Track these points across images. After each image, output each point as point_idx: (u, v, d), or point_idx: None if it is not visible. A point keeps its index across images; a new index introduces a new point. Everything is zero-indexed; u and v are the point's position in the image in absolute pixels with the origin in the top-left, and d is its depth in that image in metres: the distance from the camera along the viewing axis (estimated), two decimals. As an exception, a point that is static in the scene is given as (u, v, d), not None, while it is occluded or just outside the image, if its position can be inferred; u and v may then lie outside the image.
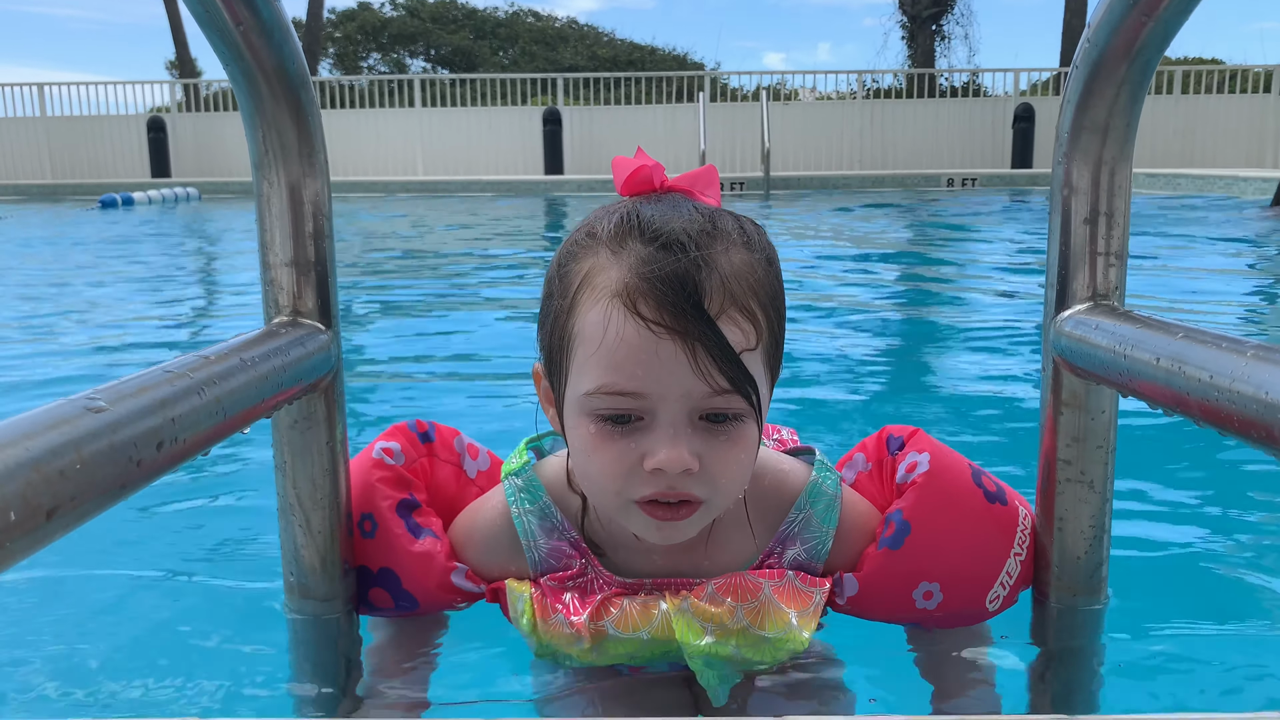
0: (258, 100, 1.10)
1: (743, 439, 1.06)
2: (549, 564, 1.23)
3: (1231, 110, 17.65)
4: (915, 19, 26.71)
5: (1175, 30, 1.03)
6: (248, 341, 1.04)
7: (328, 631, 1.27)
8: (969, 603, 1.23)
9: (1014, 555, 1.23)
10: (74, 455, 0.67)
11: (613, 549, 1.23)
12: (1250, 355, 0.83)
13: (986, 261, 6.85)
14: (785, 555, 1.22)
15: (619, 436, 1.03)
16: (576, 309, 1.05)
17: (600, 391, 1.02)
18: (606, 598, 1.19)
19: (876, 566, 1.21)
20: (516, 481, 1.24)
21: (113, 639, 1.46)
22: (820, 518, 1.22)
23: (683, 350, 0.99)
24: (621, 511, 1.09)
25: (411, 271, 6.44)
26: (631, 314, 1.00)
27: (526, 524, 1.23)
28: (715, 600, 1.16)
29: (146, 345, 3.97)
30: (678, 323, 0.99)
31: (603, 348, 1.01)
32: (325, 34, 36.10)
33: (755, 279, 1.06)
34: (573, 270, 1.07)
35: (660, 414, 1.02)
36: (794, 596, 1.18)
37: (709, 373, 1.00)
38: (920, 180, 15.94)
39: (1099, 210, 1.14)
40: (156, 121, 18.21)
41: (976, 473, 1.26)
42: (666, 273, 1.00)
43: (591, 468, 1.07)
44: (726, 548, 1.22)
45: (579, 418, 1.06)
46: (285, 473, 1.22)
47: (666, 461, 1.01)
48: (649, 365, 1.00)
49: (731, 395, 1.02)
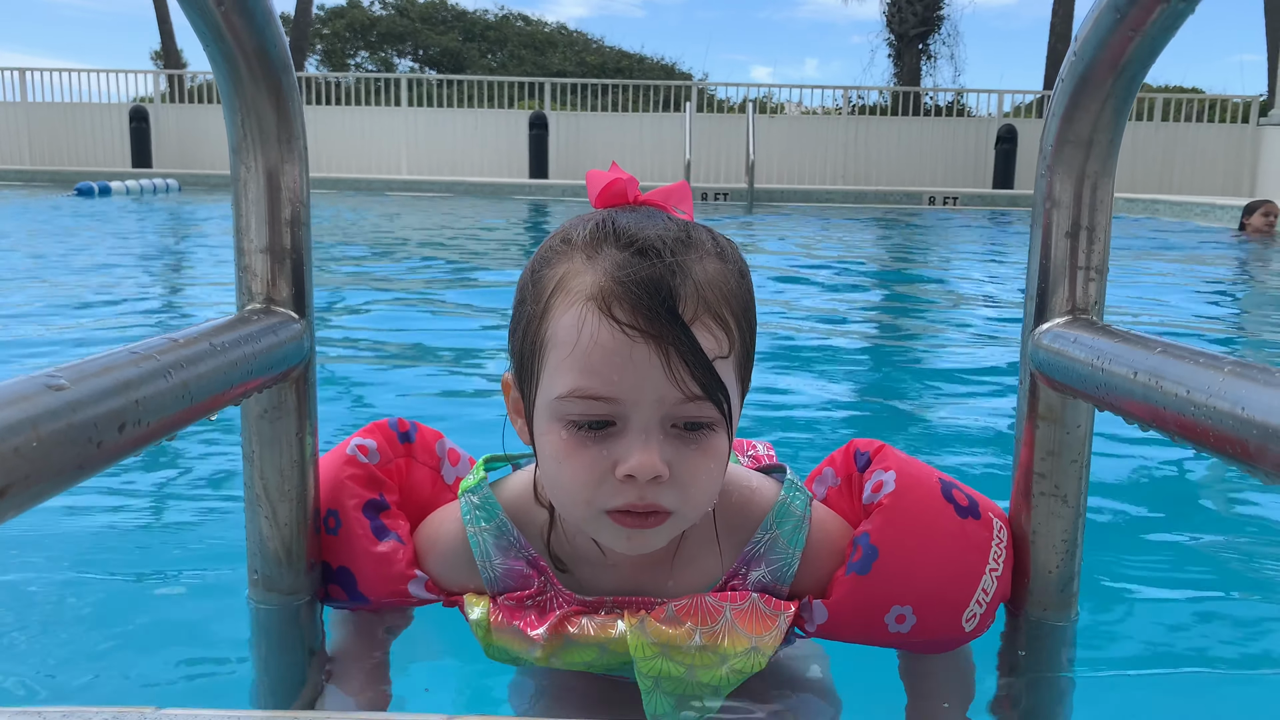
0: (237, 83, 1.08)
1: (713, 449, 1.05)
2: (505, 583, 1.21)
3: (1210, 139, 17.86)
4: (902, 37, 26.91)
5: (1161, 46, 1.03)
6: (218, 327, 1.02)
7: (291, 623, 1.24)
8: (944, 624, 1.19)
9: (989, 571, 1.19)
10: (30, 433, 0.66)
11: (577, 565, 1.20)
12: (1227, 371, 0.83)
13: (965, 278, 6.89)
14: (750, 577, 1.19)
15: (590, 443, 1.02)
16: (550, 313, 1.05)
17: (573, 395, 1.01)
18: (565, 615, 1.17)
19: (845, 592, 1.17)
20: (472, 499, 1.22)
21: (70, 627, 1.44)
22: (787, 539, 1.20)
23: (656, 354, 0.99)
24: (590, 522, 1.07)
25: (391, 269, 6.41)
26: (606, 317, 1.00)
27: (482, 542, 1.21)
28: (674, 622, 1.14)
29: (110, 331, 3.92)
30: (652, 326, 0.99)
31: (576, 350, 1.01)
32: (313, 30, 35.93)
33: (728, 289, 1.06)
34: (546, 276, 1.07)
35: (633, 420, 1.01)
36: (757, 620, 1.16)
37: (681, 379, 1.00)
38: (902, 197, 16.02)
39: (1080, 224, 1.14)
40: (139, 111, 18.05)
41: (947, 486, 1.23)
42: (641, 277, 1.00)
43: (563, 475, 1.05)
44: (691, 566, 1.19)
45: (550, 423, 1.05)
46: (253, 463, 1.20)
47: (638, 467, 1.00)
48: (622, 369, 0.99)
49: (704, 402, 1.01)
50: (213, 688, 1.29)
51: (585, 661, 1.17)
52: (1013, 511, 1.26)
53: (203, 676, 1.32)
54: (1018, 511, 1.25)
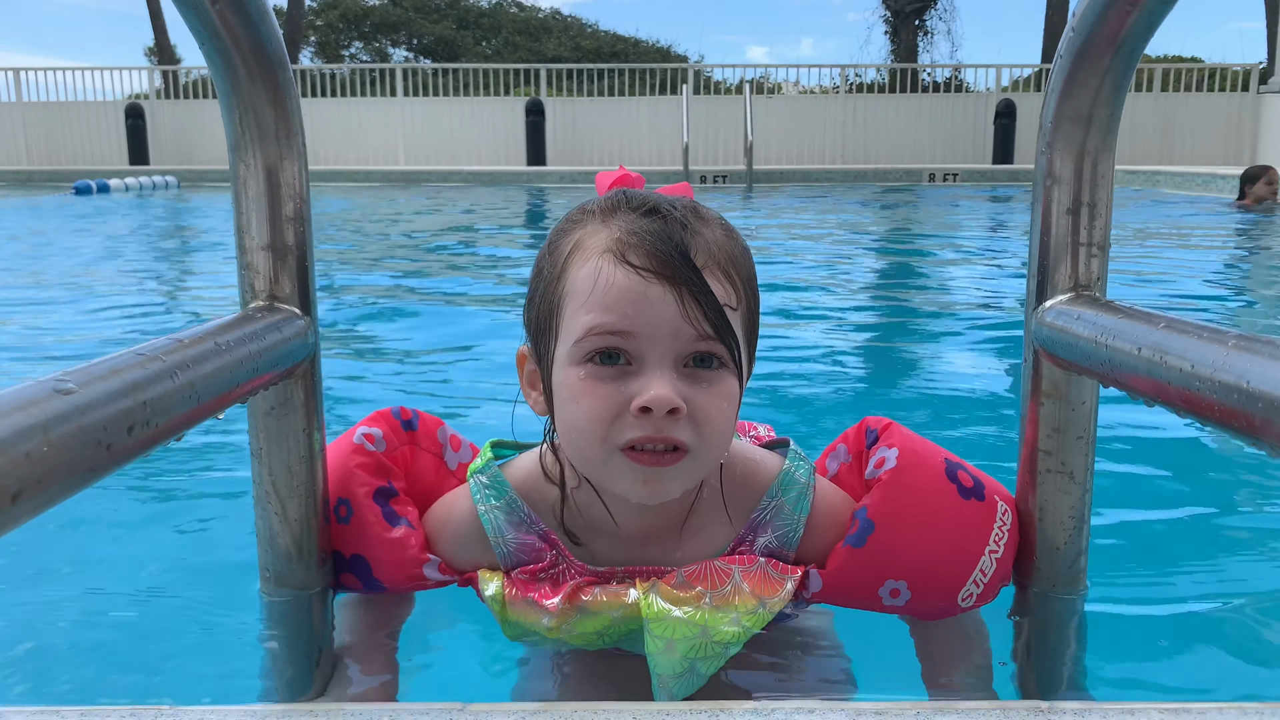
0: (234, 80, 1.08)
1: (726, 389, 1.09)
2: (519, 558, 1.23)
3: (1210, 108, 17.77)
4: (898, 14, 26.77)
5: (1159, 20, 1.03)
6: (222, 326, 1.03)
7: (303, 617, 1.25)
8: (939, 600, 1.21)
9: (989, 553, 1.20)
10: (41, 438, 0.66)
11: (590, 537, 1.22)
12: (1231, 345, 0.83)
13: (966, 255, 6.87)
14: (757, 542, 1.22)
15: (607, 379, 1.06)
16: (567, 271, 1.10)
17: (590, 333, 1.06)
18: (578, 585, 1.19)
19: (840, 564, 1.20)
20: (481, 479, 1.25)
21: (82, 624, 1.45)
22: (792, 506, 1.23)
23: (670, 293, 1.05)
24: (606, 465, 1.08)
25: (391, 260, 6.41)
26: (621, 263, 1.06)
27: (494, 520, 1.23)
28: (684, 586, 1.17)
29: (117, 332, 3.93)
30: (665, 268, 1.05)
31: (593, 294, 1.06)
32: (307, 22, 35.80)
33: (735, 254, 1.12)
34: (562, 243, 1.13)
35: (648, 357, 1.05)
36: (765, 583, 1.18)
37: (695, 318, 1.05)
38: (902, 175, 15.97)
39: (1081, 200, 1.14)
40: (135, 109, 18.01)
41: (953, 467, 1.24)
42: (655, 229, 1.08)
43: (579, 413, 1.07)
44: (699, 535, 1.22)
45: (567, 369, 1.08)
46: (261, 460, 1.21)
47: (655, 399, 1.03)
48: (638, 304, 1.04)
49: (715, 342, 1.07)
50: (226, 683, 1.30)
51: (596, 630, 1.19)
52: (1019, 489, 1.26)
53: (216, 672, 1.32)
54: (1024, 489, 1.25)
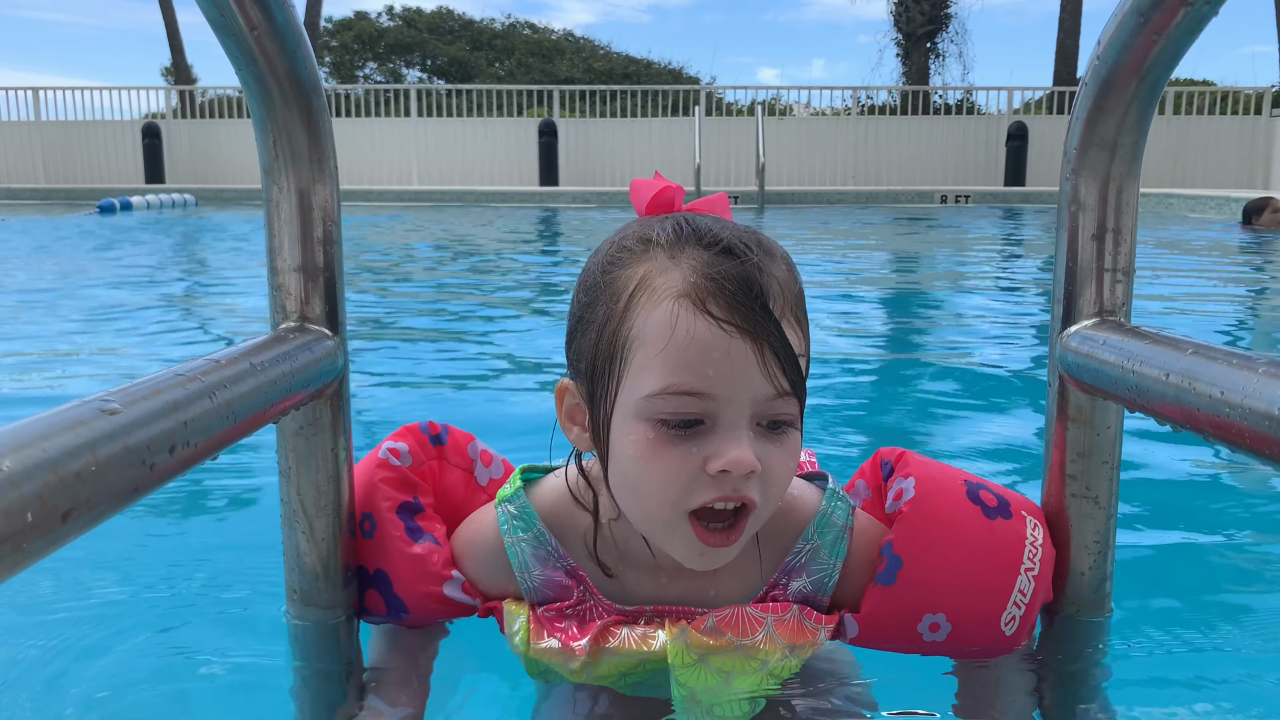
0: (269, 105, 1.10)
1: (793, 446, 1.06)
2: (544, 594, 1.20)
3: (1223, 131, 17.77)
4: (910, 36, 26.89)
5: (1185, 49, 1.03)
6: (256, 346, 1.04)
7: (329, 638, 1.26)
8: (982, 629, 1.16)
9: (1025, 572, 1.16)
10: (89, 457, 0.67)
11: (622, 569, 1.19)
12: (1261, 372, 0.83)
13: (981, 277, 6.87)
14: (790, 587, 1.18)
15: (680, 441, 1.01)
16: (633, 311, 1.03)
17: (665, 392, 1.00)
18: (605, 625, 1.16)
19: (874, 605, 1.16)
20: (509, 509, 1.21)
21: (108, 645, 1.45)
22: (829, 550, 1.19)
23: (752, 351, 1.00)
24: (669, 528, 1.05)
25: (410, 280, 6.44)
26: (701, 313, 0.99)
27: (520, 553, 1.20)
28: (715, 634, 1.14)
29: (149, 350, 3.96)
30: (748, 322, 1.00)
31: (671, 346, 1.00)
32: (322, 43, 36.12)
33: (797, 293, 1.07)
34: (623, 276, 1.05)
35: (723, 416, 1.00)
36: (798, 632, 1.15)
37: (774, 374, 1.00)
38: (914, 197, 15.99)
39: (1106, 226, 1.15)
40: (152, 128, 18.17)
41: (974, 488, 1.21)
42: (734, 274, 1.01)
43: (649, 475, 1.02)
44: (732, 573, 1.17)
45: (635, 424, 1.03)
46: (290, 479, 1.22)
47: (734, 462, 0.99)
48: (719, 364, 0.99)
49: (790, 399, 1.02)
50: (252, 705, 1.30)
51: (621, 672, 1.17)
52: (1044, 513, 1.26)
53: (242, 694, 1.33)
54: (1049, 513, 1.25)
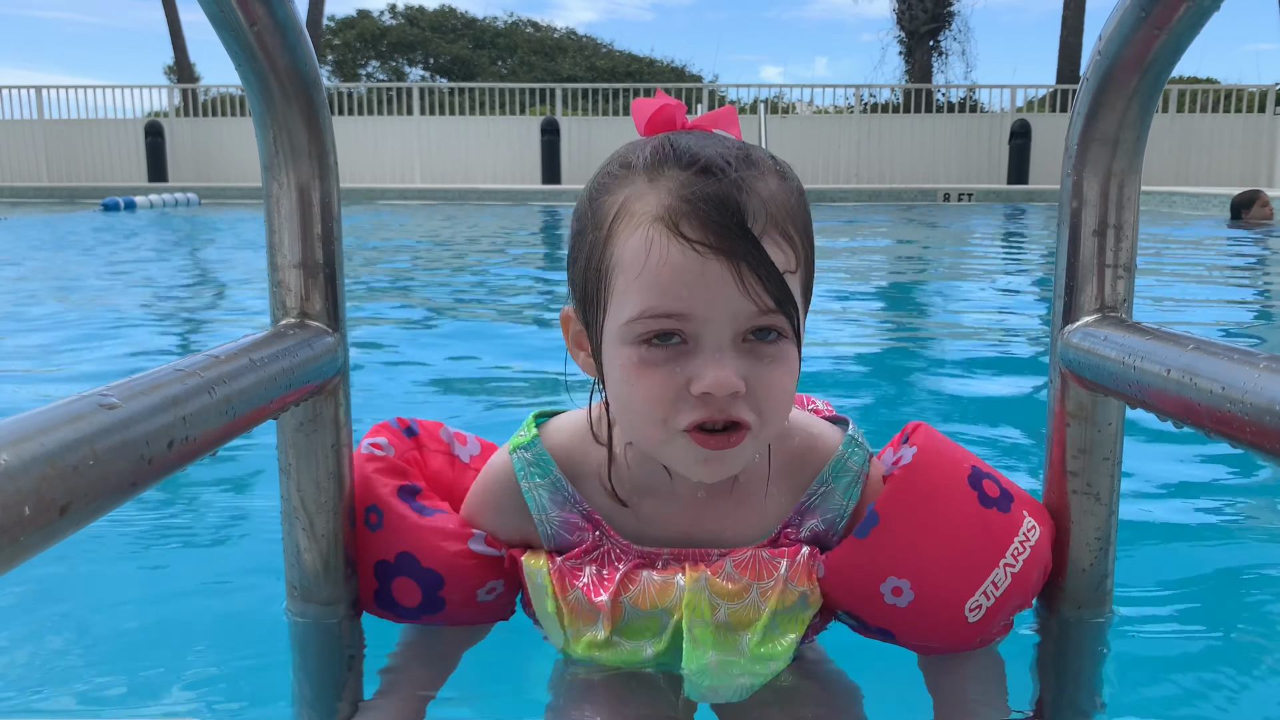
0: (269, 101, 1.10)
1: (786, 360, 1.05)
2: (562, 537, 1.21)
3: (1227, 129, 17.75)
4: (913, 34, 26.85)
5: (1186, 44, 1.03)
6: (256, 342, 1.04)
7: (330, 635, 1.26)
8: (944, 607, 1.16)
9: (1004, 566, 1.16)
10: (87, 451, 0.67)
11: (638, 499, 1.20)
12: (1263, 367, 0.83)
13: (984, 275, 6.86)
14: (804, 526, 1.21)
15: (662, 361, 1.02)
16: (614, 239, 1.04)
17: (644, 316, 1.01)
18: (627, 572, 1.18)
19: (843, 555, 1.18)
20: (526, 455, 1.22)
21: (110, 639, 1.45)
22: (843, 493, 1.21)
23: (729, 270, 0.99)
24: (666, 445, 1.06)
25: (412, 278, 6.44)
26: (675, 236, 0.99)
27: (538, 498, 1.21)
28: (732, 578, 1.16)
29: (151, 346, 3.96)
30: (722, 242, 0.99)
31: (645, 272, 1.00)
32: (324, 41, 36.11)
33: (790, 206, 1.06)
34: (606, 202, 1.06)
35: (705, 337, 1.01)
36: (809, 574, 1.18)
37: (755, 292, 1.00)
38: (917, 195, 15.98)
39: (1108, 222, 1.15)
40: (154, 126, 18.19)
41: (979, 474, 1.21)
42: (708, 194, 0.99)
43: (635, 397, 1.04)
44: (747, 507, 1.20)
45: (619, 348, 1.04)
46: (290, 475, 1.21)
47: (714, 384, 0.99)
48: (694, 286, 0.99)
49: (776, 315, 1.02)
50: (251, 702, 1.30)
51: (639, 654, 1.18)
52: (1046, 509, 1.26)
53: (241, 691, 1.33)
54: (1051, 510, 1.25)
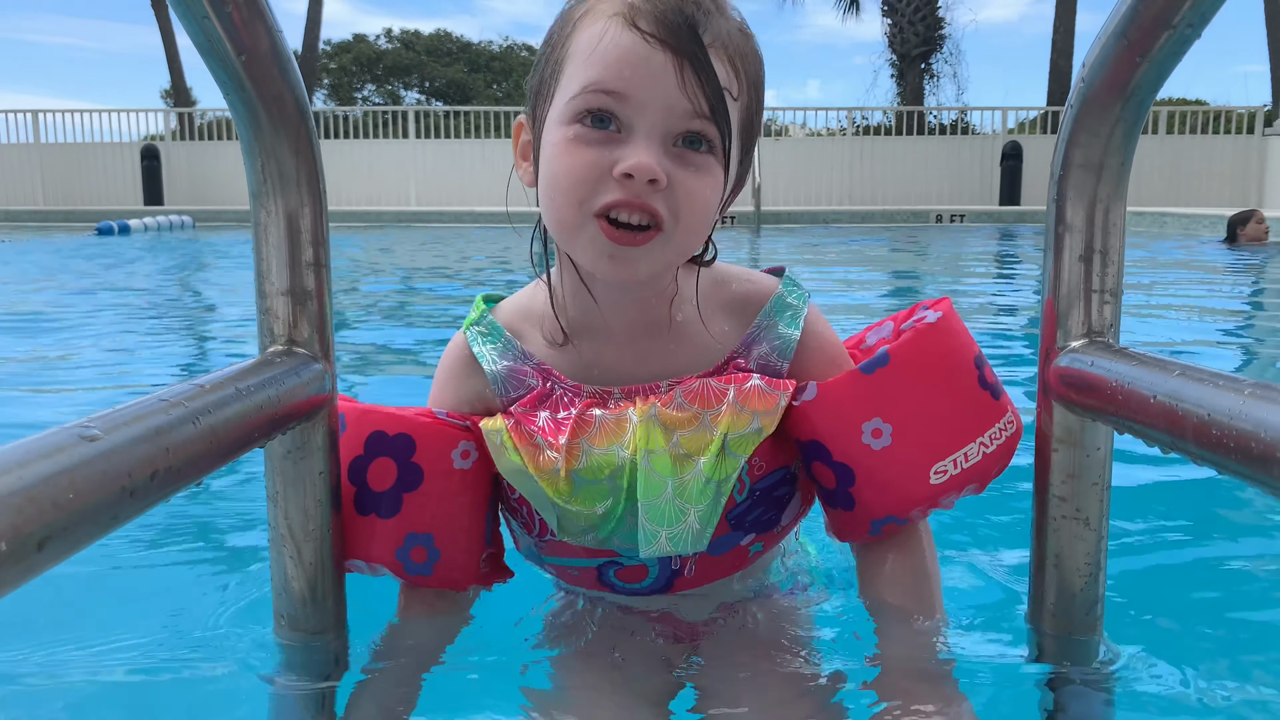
0: (257, 130, 1.10)
1: (711, 173, 1.10)
2: (513, 386, 1.27)
3: (1216, 150, 17.87)
4: (905, 57, 27.00)
5: (1168, 71, 1.04)
6: (242, 370, 1.04)
7: (317, 662, 1.25)
8: (914, 462, 1.21)
9: (979, 443, 1.23)
10: (67, 484, 0.67)
11: (581, 336, 1.26)
12: (1248, 394, 0.83)
13: (976, 297, 6.88)
14: (752, 354, 1.26)
15: (594, 143, 1.06)
16: (574, 34, 1.10)
17: (585, 91, 1.06)
18: (580, 414, 1.21)
19: (842, 383, 1.22)
20: (478, 328, 1.31)
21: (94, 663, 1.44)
22: (786, 324, 1.27)
23: (672, 63, 1.05)
24: (579, 231, 1.10)
25: (405, 302, 6.44)
26: (629, 26, 1.05)
27: (489, 357, 1.29)
28: (681, 407, 1.19)
29: (144, 374, 3.95)
30: (672, 37, 1.05)
31: (595, 53, 1.06)
32: (320, 65, 36.28)
33: (744, 49, 1.13)
34: (574, 10, 1.13)
35: (638, 126, 1.06)
36: (759, 398, 1.21)
37: (693, 92, 1.05)
38: (909, 216, 16.05)
39: (1094, 248, 1.15)
40: (150, 149, 18.25)
41: (980, 360, 1.28)
42: (670, 2, 1.06)
43: (560, 172, 1.08)
44: (691, 343, 1.25)
45: (557, 129, 1.09)
46: (277, 503, 1.21)
47: (637, 166, 1.04)
48: (637, 68, 1.05)
49: (708, 122, 1.07)
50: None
51: (595, 516, 1.19)
52: (1035, 535, 1.26)
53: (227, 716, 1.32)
54: (1040, 535, 1.24)
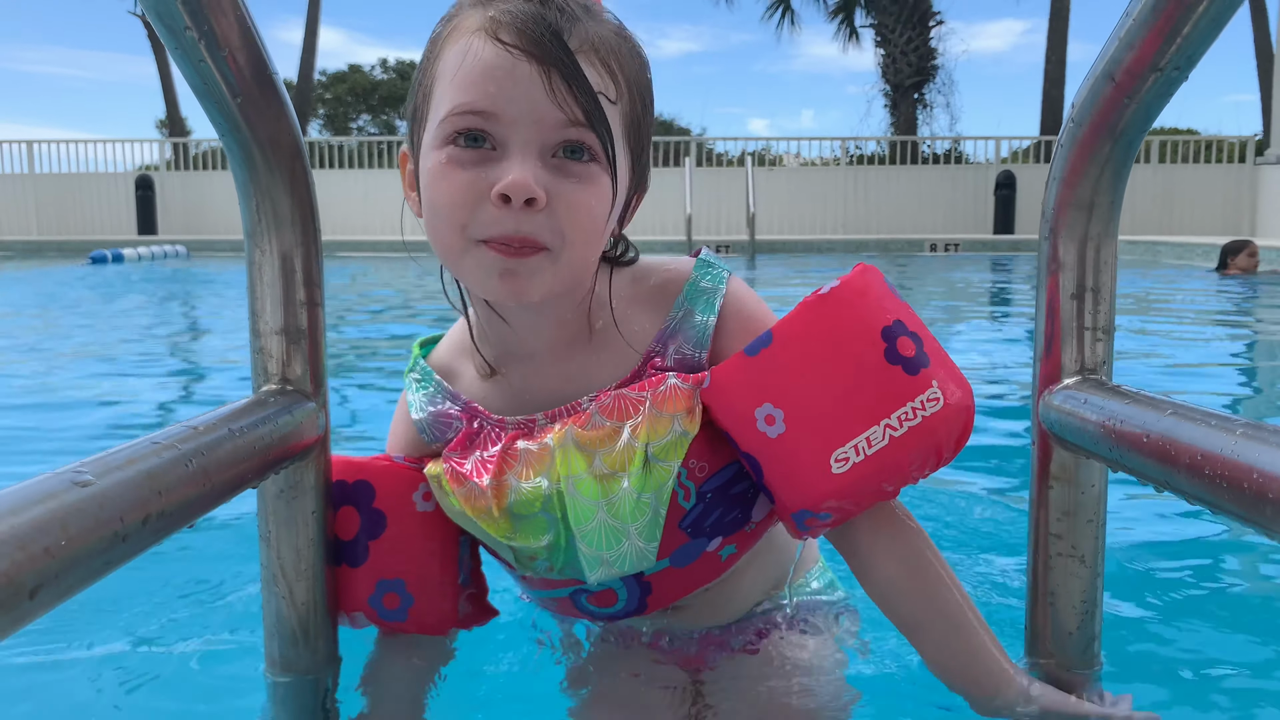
0: (253, 171, 1.11)
1: (595, 182, 1.06)
2: (438, 431, 1.28)
3: (1208, 179, 18.00)
4: (898, 87, 27.21)
5: (1157, 112, 1.05)
6: (236, 411, 1.03)
7: (309, 702, 1.24)
8: (811, 449, 1.11)
9: (884, 425, 1.09)
10: (59, 531, 0.66)
11: (507, 364, 1.25)
12: (1239, 433, 0.83)
13: (969, 327, 6.90)
14: (669, 351, 1.22)
15: (469, 164, 1.04)
16: (439, 56, 1.08)
17: (453, 113, 1.04)
18: (505, 448, 1.19)
19: (729, 368, 1.16)
20: (414, 376, 1.32)
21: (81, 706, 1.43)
22: (701, 311, 1.22)
23: (539, 74, 1.01)
24: (465, 257, 1.07)
25: (395, 334, 6.44)
26: (491, 39, 1.03)
27: (418, 404, 1.30)
28: (597, 425, 1.16)
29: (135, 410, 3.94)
30: (536, 46, 1.01)
31: (460, 72, 1.04)
32: (316, 95, 36.48)
33: (620, 51, 1.09)
34: (440, 29, 1.11)
35: (512, 142, 1.03)
36: (676, 399, 1.15)
37: (564, 101, 1.02)
38: (903, 245, 16.12)
39: (1085, 285, 1.16)
40: (144, 179, 18.30)
41: (900, 330, 1.12)
42: (530, 12, 1.03)
43: (439, 200, 1.06)
44: (608, 350, 1.22)
45: (433, 153, 1.06)
46: (270, 543, 1.20)
47: (512, 185, 1.01)
48: (503, 84, 1.02)
49: (585, 130, 1.04)
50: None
51: (541, 540, 1.18)
52: (1031, 572, 1.25)
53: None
54: (1036, 573, 1.24)
